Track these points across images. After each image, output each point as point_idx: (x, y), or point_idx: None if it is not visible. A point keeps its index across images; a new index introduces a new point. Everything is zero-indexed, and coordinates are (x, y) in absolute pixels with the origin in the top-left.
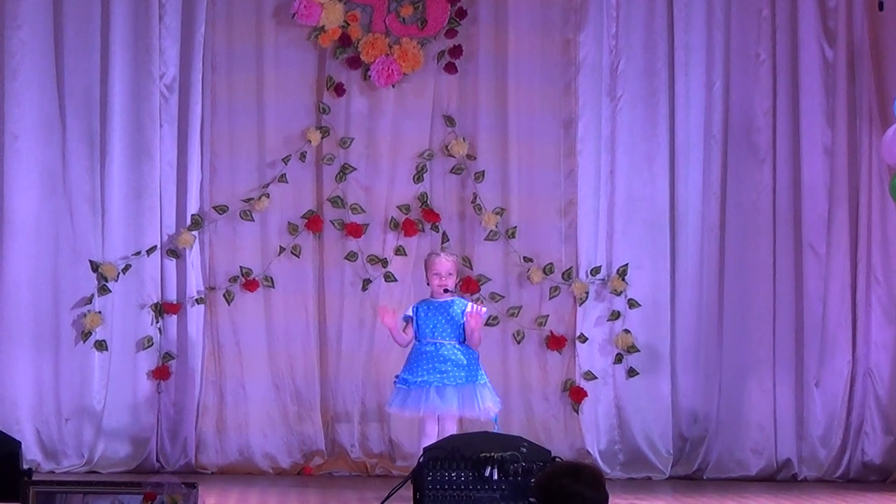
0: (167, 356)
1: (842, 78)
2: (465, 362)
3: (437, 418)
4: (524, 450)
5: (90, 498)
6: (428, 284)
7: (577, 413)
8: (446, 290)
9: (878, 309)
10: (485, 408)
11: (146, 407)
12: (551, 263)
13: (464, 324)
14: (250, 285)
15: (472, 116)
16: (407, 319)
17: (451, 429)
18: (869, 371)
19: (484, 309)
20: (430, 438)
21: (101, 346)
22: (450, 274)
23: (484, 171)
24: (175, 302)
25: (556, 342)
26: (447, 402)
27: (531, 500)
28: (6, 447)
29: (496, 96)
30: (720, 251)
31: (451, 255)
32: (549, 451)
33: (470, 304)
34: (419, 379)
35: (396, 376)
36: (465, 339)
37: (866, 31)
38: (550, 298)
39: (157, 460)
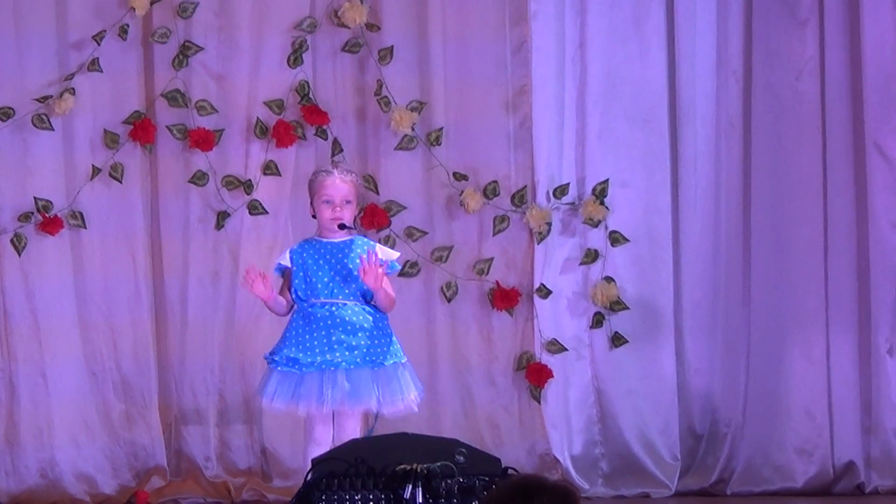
0: None
1: None
2: (378, 332)
3: (333, 416)
4: (461, 459)
5: None
6: (314, 217)
7: (539, 402)
8: (342, 227)
9: None
10: (408, 399)
11: None
12: (495, 182)
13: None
14: (50, 225)
15: None
16: (282, 271)
17: (353, 430)
18: None
19: (395, 254)
20: (323, 446)
21: None
22: (347, 202)
23: (392, 48)
24: None
25: (504, 298)
26: (364, 394)
27: None
28: None
29: None
30: (744, 157)
31: (348, 172)
32: (499, 460)
33: (377, 247)
34: (318, 359)
35: (271, 354)
36: (372, 298)
37: None
38: (495, 234)
39: None
